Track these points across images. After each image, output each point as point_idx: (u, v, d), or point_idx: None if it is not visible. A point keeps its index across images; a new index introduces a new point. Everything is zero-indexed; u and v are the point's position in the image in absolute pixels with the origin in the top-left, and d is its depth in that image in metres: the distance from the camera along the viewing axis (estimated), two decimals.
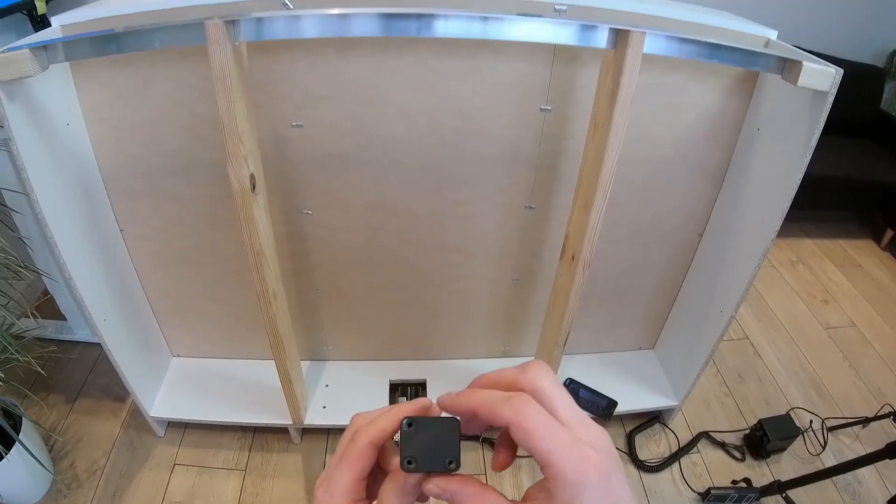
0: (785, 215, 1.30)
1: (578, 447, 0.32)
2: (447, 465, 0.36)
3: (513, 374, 0.38)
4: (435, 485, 0.37)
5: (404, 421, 0.38)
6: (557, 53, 1.26)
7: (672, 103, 1.37)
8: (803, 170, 1.23)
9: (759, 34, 1.29)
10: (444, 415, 0.38)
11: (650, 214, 1.58)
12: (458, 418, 0.37)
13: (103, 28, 1.04)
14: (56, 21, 1.23)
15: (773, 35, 1.28)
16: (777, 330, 2.38)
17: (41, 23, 2.04)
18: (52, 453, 1.77)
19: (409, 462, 0.36)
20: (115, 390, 1.93)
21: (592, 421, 0.35)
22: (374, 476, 0.40)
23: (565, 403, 0.35)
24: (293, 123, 1.33)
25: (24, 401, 1.85)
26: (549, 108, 1.34)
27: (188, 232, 1.55)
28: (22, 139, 1.14)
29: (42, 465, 1.56)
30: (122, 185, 1.47)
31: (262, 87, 1.28)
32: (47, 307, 2.03)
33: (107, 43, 1.03)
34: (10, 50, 1.01)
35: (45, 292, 2.02)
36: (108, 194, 1.49)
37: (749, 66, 1.15)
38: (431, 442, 0.37)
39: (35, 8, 2.01)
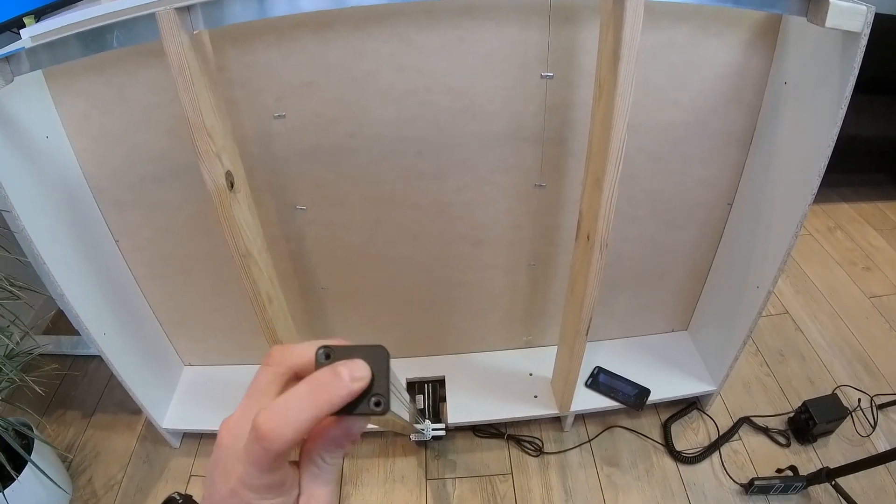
0: (822, 177, 1.18)
1: None
2: (373, 406, 0.31)
3: None
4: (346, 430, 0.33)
5: (320, 351, 0.32)
6: (553, 14, 1.15)
7: (685, 62, 1.25)
8: (839, 124, 1.10)
9: None
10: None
11: (673, 187, 1.46)
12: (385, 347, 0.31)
13: (62, 35, 1.01)
14: (25, 33, 1.19)
15: None
16: (818, 302, 2.23)
17: None
18: (70, 470, 1.76)
19: None
20: (130, 404, 1.88)
21: None
22: None
23: None
24: (275, 115, 1.26)
25: (39, 420, 1.85)
26: (550, 74, 1.23)
27: (182, 240, 1.51)
28: None
29: (56, 484, 1.54)
30: (111, 196, 1.43)
31: (239, 80, 1.21)
32: (62, 323, 2.03)
33: (66, 47, 1.00)
34: None
35: (58, 309, 2.01)
36: (99, 206, 1.45)
37: (770, 8, 1.04)
38: None
39: (24, 25, 1.98)
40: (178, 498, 0.68)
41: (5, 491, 1.43)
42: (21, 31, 1.22)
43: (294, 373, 0.34)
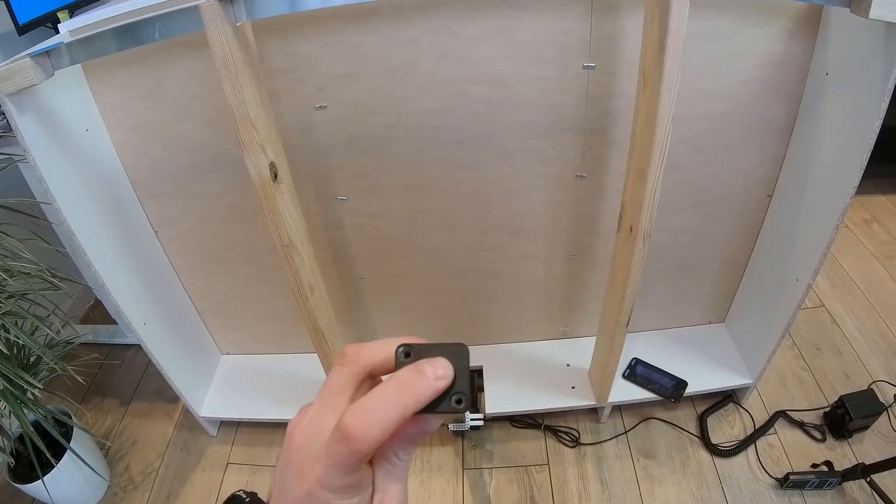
0: (864, 169, 1.16)
1: None
2: (454, 404, 0.30)
3: None
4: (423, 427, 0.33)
5: (400, 349, 0.32)
6: (595, 2, 1.14)
7: (726, 51, 1.23)
8: (881, 116, 1.08)
9: None
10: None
11: (713, 178, 1.44)
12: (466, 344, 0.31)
13: (104, 28, 1.01)
14: (63, 27, 1.21)
15: None
16: (854, 296, 2.18)
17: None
18: (108, 457, 1.79)
19: None
20: (167, 392, 1.92)
21: None
22: None
23: None
24: (316, 105, 1.27)
25: (78, 407, 1.88)
26: (592, 65, 1.22)
27: (221, 230, 1.52)
28: (38, 149, 1.13)
29: (94, 471, 1.57)
30: (150, 187, 1.45)
31: (280, 71, 1.22)
32: (99, 313, 2.06)
33: (108, 40, 1.01)
34: (12, 61, 0.99)
35: (95, 299, 2.04)
36: (138, 197, 1.47)
37: None
38: None
39: (59, 20, 2.00)
40: (244, 496, 0.68)
41: (45, 478, 1.47)
42: (59, 25, 1.23)
43: (368, 372, 0.34)
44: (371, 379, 0.34)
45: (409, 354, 0.31)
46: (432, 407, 0.30)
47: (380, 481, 0.33)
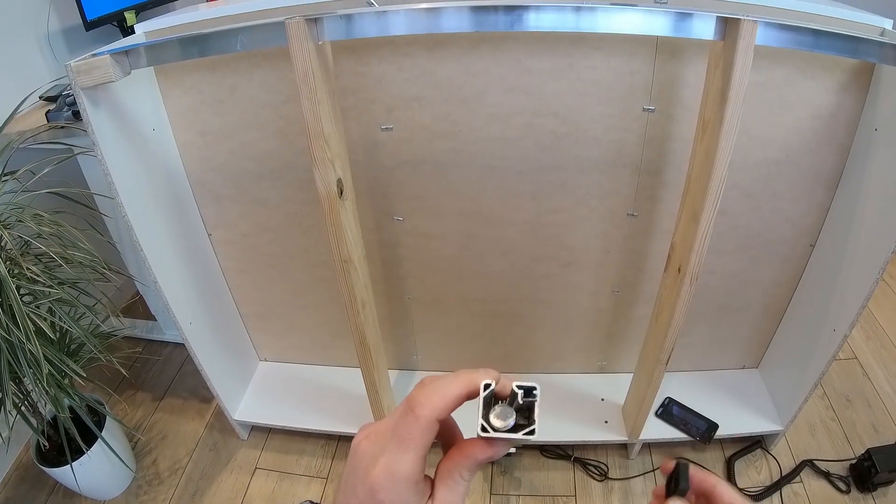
0: None
1: None
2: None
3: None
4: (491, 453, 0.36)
5: (486, 387, 0.36)
6: (660, 47, 1.17)
7: (782, 101, 1.26)
8: None
9: (872, 23, 1.16)
10: (517, 384, 0.36)
11: (760, 224, 1.46)
12: (537, 385, 0.36)
13: (186, 33, 1.04)
14: (140, 28, 1.26)
15: (888, 24, 1.15)
16: (888, 350, 2.17)
17: (132, 34, 2.10)
18: (136, 450, 1.81)
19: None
20: (201, 391, 1.96)
21: None
22: None
23: None
24: (383, 126, 1.30)
25: (109, 398, 1.90)
26: (651, 107, 1.25)
27: (276, 237, 1.55)
28: (106, 144, 1.16)
29: (123, 461, 1.59)
30: (209, 190, 1.48)
31: (351, 89, 1.26)
32: (138, 308, 2.09)
33: (188, 46, 1.04)
34: (92, 56, 1.02)
35: (136, 294, 2.07)
36: (196, 199, 1.50)
37: (865, 56, 1.04)
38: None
39: (125, 19, 2.07)
40: None
41: (73, 463, 1.49)
42: (135, 26, 1.27)
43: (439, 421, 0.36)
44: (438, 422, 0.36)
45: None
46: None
47: (440, 495, 0.36)
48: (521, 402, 0.35)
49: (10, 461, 1.79)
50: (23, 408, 1.43)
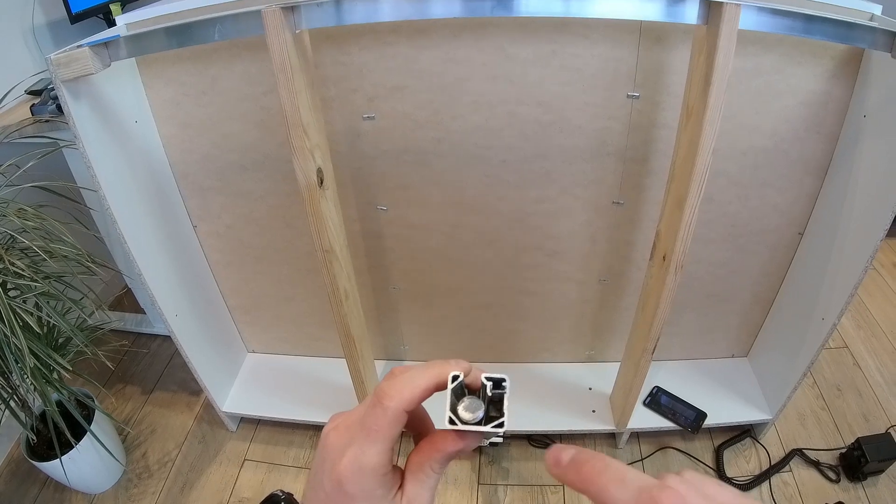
0: None
1: None
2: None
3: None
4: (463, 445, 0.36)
5: (454, 378, 0.36)
6: (644, 33, 1.16)
7: (769, 89, 1.25)
8: None
9: (860, 8, 1.15)
10: (486, 375, 0.36)
11: (748, 212, 1.46)
12: (506, 377, 0.36)
13: (164, 24, 1.03)
14: (121, 20, 1.25)
15: (876, 10, 1.14)
16: (879, 339, 2.17)
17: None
18: (125, 443, 1.81)
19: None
20: (190, 384, 1.96)
21: None
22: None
23: None
24: (365, 116, 1.29)
25: (99, 392, 1.90)
26: (636, 94, 1.24)
27: (261, 229, 1.54)
28: (88, 137, 1.16)
29: (112, 455, 1.59)
30: (193, 182, 1.48)
31: (332, 79, 1.25)
32: (127, 301, 2.09)
33: (167, 37, 1.03)
34: (72, 49, 1.02)
35: (125, 287, 2.07)
36: (181, 191, 1.50)
37: (855, 42, 1.03)
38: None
39: (110, 12, 2.05)
40: (280, 494, 0.70)
41: (63, 457, 1.49)
42: (116, 18, 1.26)
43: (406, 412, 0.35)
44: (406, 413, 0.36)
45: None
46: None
47: (410, 488, 0.36)
48: (489, 393, 0.35)
49: (1, 456, 1.79)
50: (11, 402, 1.43)
